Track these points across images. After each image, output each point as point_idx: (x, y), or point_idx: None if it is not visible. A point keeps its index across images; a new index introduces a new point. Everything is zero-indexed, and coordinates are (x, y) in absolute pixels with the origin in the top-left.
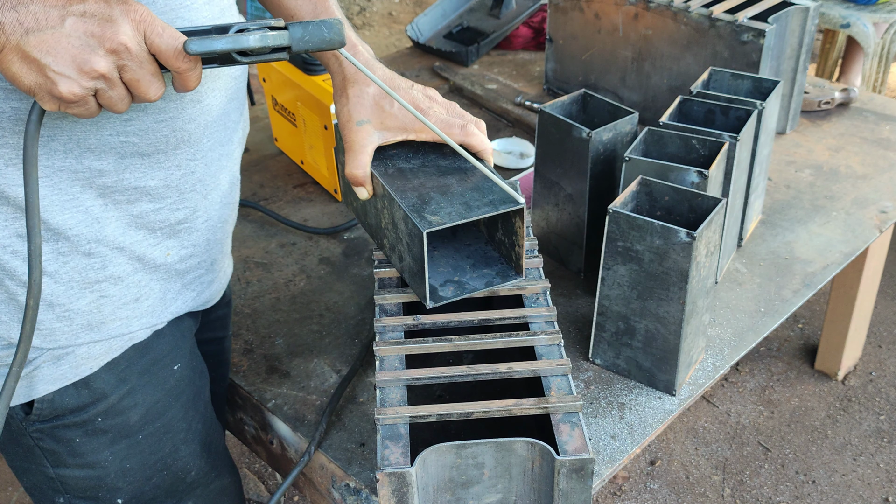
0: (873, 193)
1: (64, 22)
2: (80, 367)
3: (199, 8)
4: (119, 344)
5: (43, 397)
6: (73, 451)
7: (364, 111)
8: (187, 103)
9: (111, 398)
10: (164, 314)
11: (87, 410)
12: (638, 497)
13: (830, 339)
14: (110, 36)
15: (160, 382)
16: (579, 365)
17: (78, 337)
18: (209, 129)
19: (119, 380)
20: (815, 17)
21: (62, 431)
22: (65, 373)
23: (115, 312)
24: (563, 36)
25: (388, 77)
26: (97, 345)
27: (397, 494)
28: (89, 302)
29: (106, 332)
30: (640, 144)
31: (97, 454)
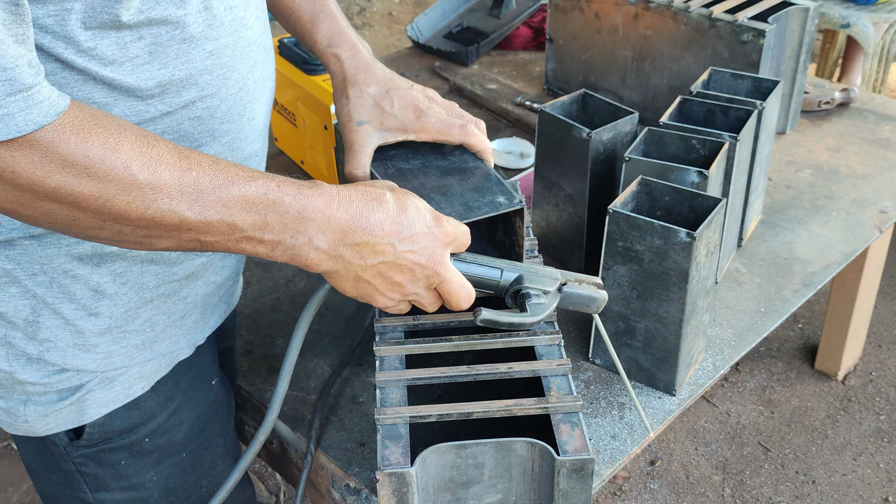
0: (873, 193)
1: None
2: (132, 388)
3: (251, 25)
4: (167, 362)
5: (94, 422)
6: (118, 473)
7: (364, 111)
8: (245, 123)
9: (159, 418)
10: (205, 329)
11: (136, 432)
12: (638, 497)
13: (830, 339)
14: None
15: (202, 398)
16: (579, 365)
17: (132, 357)
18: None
19: (166, 398)
20: (815, 17)
21: (108, 455)
22: (117, 395)
23: (165, 330)
24: (563, 36)
25: (387, 77)
26: (149, 364)
27: (397, 494)
28: (143, 322)
29: (157, 351)
30: (640, 144)
31: (142, 475)
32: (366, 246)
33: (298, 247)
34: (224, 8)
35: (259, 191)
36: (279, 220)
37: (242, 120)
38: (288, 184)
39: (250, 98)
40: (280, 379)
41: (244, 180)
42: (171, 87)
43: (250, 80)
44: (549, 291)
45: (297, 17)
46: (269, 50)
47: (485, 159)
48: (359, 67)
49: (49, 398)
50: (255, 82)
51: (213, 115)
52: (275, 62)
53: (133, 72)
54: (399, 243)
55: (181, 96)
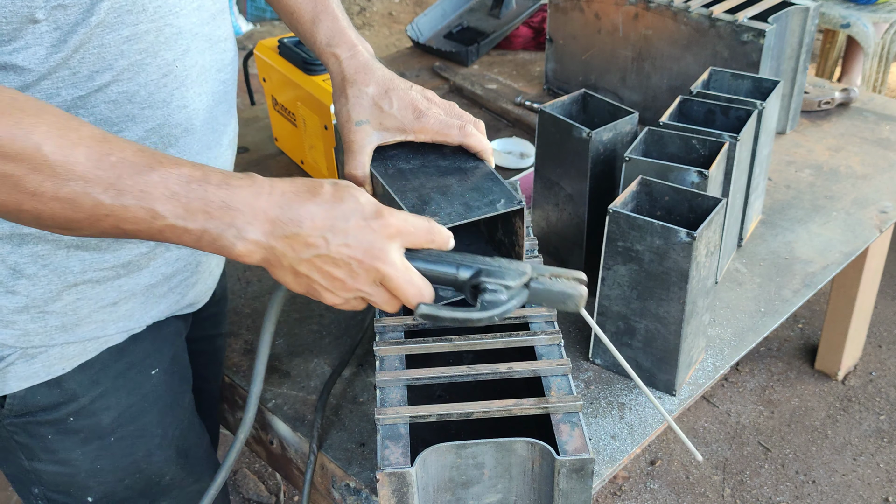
0: (873, 193)
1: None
2: (53, 366)
3: (187, 14)
4: (93, 346)
5: (14, 393)
6: (46, 447)
7: (363, 111)
8: (174, 109)
9: (82, 399)
10: (144, 318)
11: (59, 409)
12: (638, 497)
13: (830, 339)
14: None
15: (135, 387)
16: (579, 365)
17: (52, 338)
18: (196, 134)
19: (92, 382)
20: (815, 17)
21: (35, 428)
22: (37, 371)
23: (91, 315)
24: (563, 36)
25: (386, 78)
26: (71, 346)
27: (397, 494)
28: (66, 304)
29: (80, 335)
30: (640, 144)
31: (68, 452)
32: (296, 238)
33: (225, 237)
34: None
35: (182, 178)
36: (202, 209)
37: (169, 107)
38: (215, 173)
39: (178, 85)
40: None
41: (167, 166)
42: (81, 69)
43: (178, 67)
44: (511, 286)
45: (299, 17)
46: (219, 41)
47: (485, 160)
48: (358, 67)
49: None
50: (187, 70)
51: (130, 99)
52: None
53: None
54: (332, 236)
55: (94, 80)
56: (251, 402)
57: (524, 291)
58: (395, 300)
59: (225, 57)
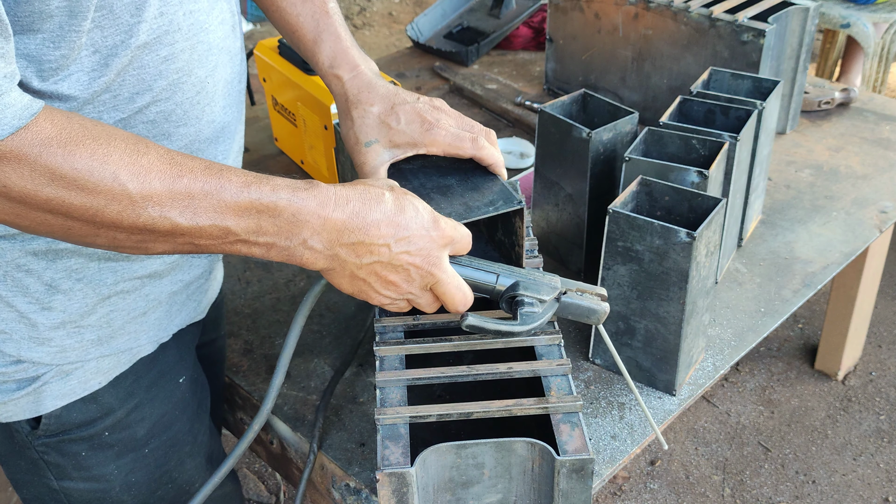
0: (873, 193)
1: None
2: (89, 382)
3: (213, 30)
4: (127, 358)
5: (50, 413)
6: (79, 464)
7: (371, 131)
8: (205, 125)
9: (118, 413)
10: (170, 327)
11: (95, 425)
12: (638, 497)
13: (830, 339)
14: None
15: (167, 396)
16: (579, 365)
17: (88, 352)
18: (220, 145)
19: (127, 394)
20: (815, 17)
21: (68, 446)
22: (73, 388)
23: (124, 327)
24: (563, 36)
25: (391, 94)
26: (106, 359)
27: (397, 494)
28: (100, 317)
29: (115, 347)
30: (640, 144)
31: (103, 468)
32: (361, 245)
33: (293, 248)
34: (183, 13)
35: (252, 196)
36: (273, 224)
37: (201, 122)
38: (283, 187)
39: (209, 101)
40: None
41: (238, 186)
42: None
43: (209, 83)
44: (545, 300)
45: (301, 37)
46: (236, 52)
47: (497, 173)
48: (361, 87)
49: (7, 387)
50: (216, 85)
51: (167, 118)
52: (244, 64)
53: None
54: (395, 244)
55: (134, 102)
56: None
57: (555, 305)
58: (437, 303)
59: (242, 68)
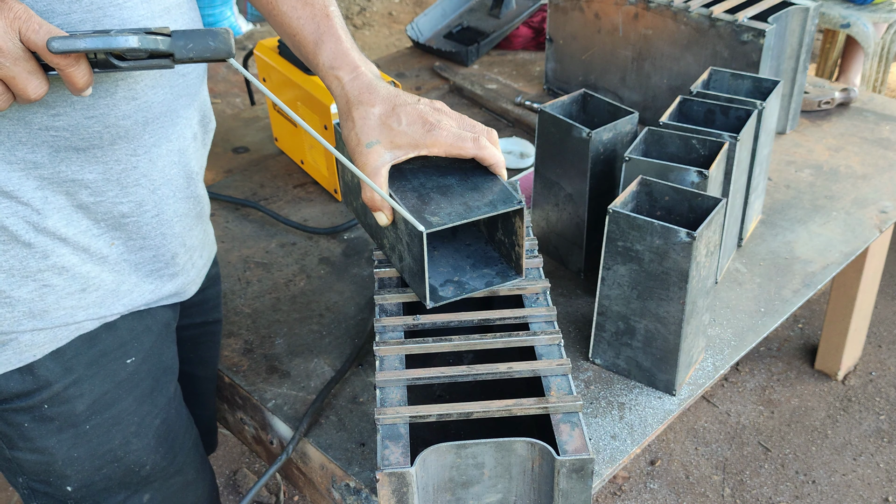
0: (873, 193)
1: None
2: (24, 353)
3: (133, 6)
4: (65, 333)
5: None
6: (23, 435)
7: (372, 132)
8: (120, 100)
9: (55, 386)
10: (116, 306)
11: (33, 397)
12: (638, 497)
13: (830, 339)
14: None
15: (109, 374)
16: (579, 365)
17: (20, 324)
18: (150, 125)
19: (65, 369)
20: (815, 17)
21: (11, 415)
22: (8, 358)
23: (59, 302)
24: (563, 36)
25: (391, 95)
26: (41, 333)
27: (397, 494)
28: (31, 290)
29: (49, 321)
30: (640, 144)
31: (44, 440)
32: None
33: None
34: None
35: None
36: None
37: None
38: None
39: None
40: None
41: None
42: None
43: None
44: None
45: (301, 39)
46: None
47: (498, 174)
48: (361, 88)
49: None
50: None
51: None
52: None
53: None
54: None
55: None
56: None
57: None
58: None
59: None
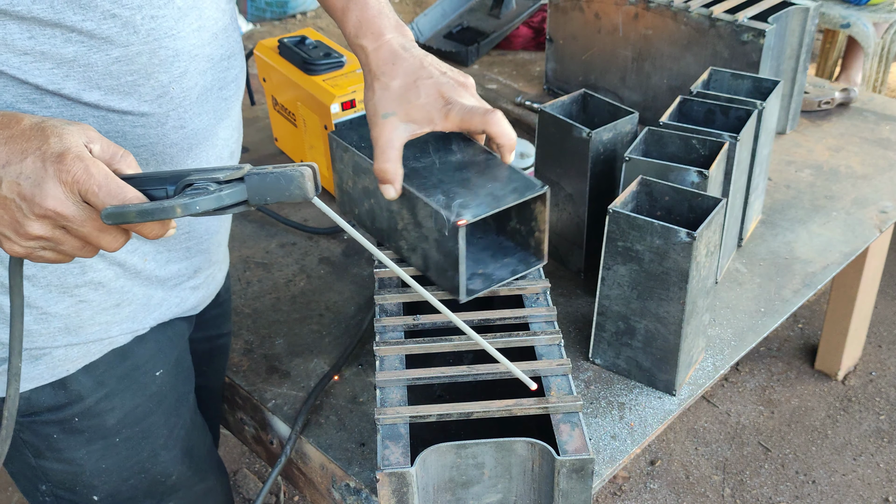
0: (873, 193)
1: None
2: (57, 368)
3: (186, 36)
4: (98, 348)
5: (20, 394)
6: (51, 446)
7: (390, 104)
8: (170, 129)
9: (87, 401)
10: (147, 320)
11: (64, 410)
12: (638, 497)
13: (830, 339)
14: (39, 201)
15: (140, 388)
16: (579, 365)
17: (55, 339)
18: (194, 150)
19: (97, 383)
20: (815, 17)
21: (40, 427)
22: (41, 373)
23: (94, 317)
24: (563, 36)
25: (416, 67)
26: (74, 348)
27: (397, 494)
28: (67, 306)
29: (84, 336)
30: (640, 144)
31: (73, 451)
32: None
33: None
34: (142, 17)
35: None
36: None
37: (164, 127)
38: None
39: (174, 106)
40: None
41: None
42: (66, 86)
43: (174, 89)
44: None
45: (331, 5)
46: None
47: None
48: (384, 59)
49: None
50: (185, 92)
51: (122, 118)
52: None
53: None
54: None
55: (81, 97)
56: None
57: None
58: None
59: (228, 75)
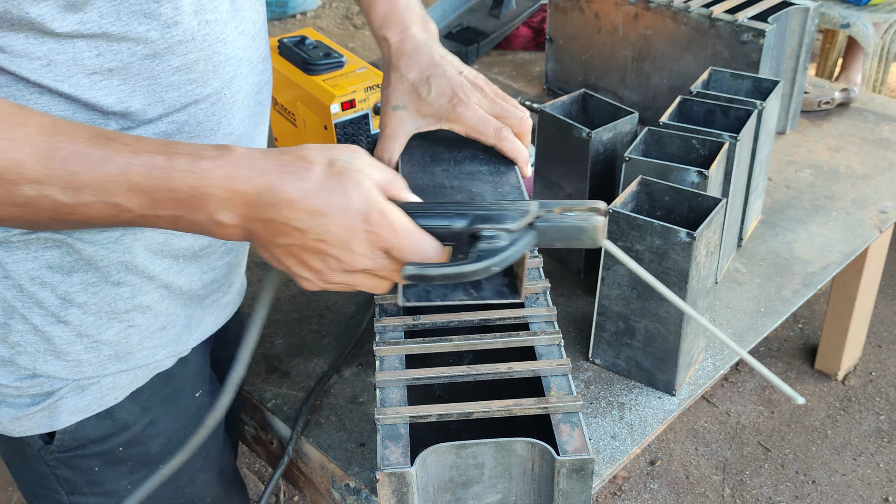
0: (873, 193)
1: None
2: (105, 397)
3: (232, 40)
4: (144, 373)
5: (65, 428)
6: (91, 479)
7: (401, 97)
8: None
9: (134, 428)
10: (189, 341)
11: (109, 440)
12: (638, 497)
13: (830, 339)
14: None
15: (182, 411)
16: (579, 365)
17: (104, 367)
18: None
19: (142, 410)
20: (815, 17)
21: (81, 461)
22: (89, 404)
23: (142, 342)
24: (563, 36)
25: (432, 63)
26: (123, 375)
27: (397, 494)
28: (117, 332)
29: (133, 362)
30: (640, 144)
31: (115, 483)
32: (273, 224)
33: (200, 222)
34: (198, 23)
35: (142, 168)
36: (170, 197)
37: (216, 135)
38: (181, 154)
39: (226, 112)
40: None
41: (127, 156)
42: (133, 103)
43: (226, 94)
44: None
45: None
46: (258, 62)
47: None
48: (404, 52)
49: (22, 401)
50: (234, 96)
51: (180, 130)
52: (267, 73)
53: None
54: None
55: (146, 114)
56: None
57: (529, 233)
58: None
59: (263, 78)
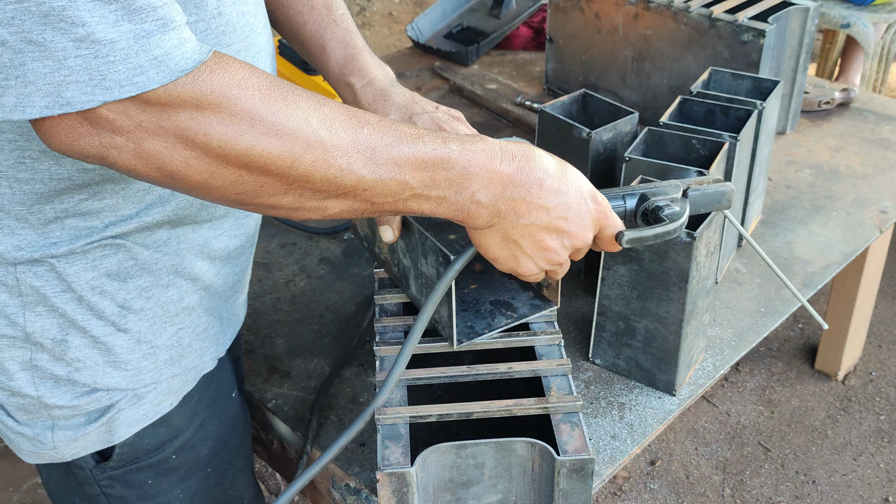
0: (873, 193)
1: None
2: (161, 404)
3: (260, 31)
4: (193, 376)
5: (123, 441)
6: (144, 493)
7: None
8: None
9: (187, 433)
10: (225, 340)
11: (164, 449)
12: (638, 497)
13: (830, 339)
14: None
15: (223, 412)
16: (579, 365)
17: (161, 373)
18: None
19: (192, 413)
20: (815, 17)
21: (135, 475)
22: (146, 412)
23: (191, 344)
24: (563, 36)
25: (407, 102)
26: (176, 379)
27: (397, 494)
28: (171, 335)
29: (185, 365)
30: (640, 144)
31: (167, 493)
32: (522, 203)
33: (462, 202)
34: (237, 14)
35: (427, 148)
36: (446, 177)
37: None
38: (452, 139)
39: None
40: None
41: (412, 138)
42: None
43: None
44: (676, 198)
45: (308, 46)
46: (273, 55)
47: None
48: (375, 96)
49: (77, 421)
50: None
51: None
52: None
53: None
54: (554, 208)
55: None
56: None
57: (685, 201)
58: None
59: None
